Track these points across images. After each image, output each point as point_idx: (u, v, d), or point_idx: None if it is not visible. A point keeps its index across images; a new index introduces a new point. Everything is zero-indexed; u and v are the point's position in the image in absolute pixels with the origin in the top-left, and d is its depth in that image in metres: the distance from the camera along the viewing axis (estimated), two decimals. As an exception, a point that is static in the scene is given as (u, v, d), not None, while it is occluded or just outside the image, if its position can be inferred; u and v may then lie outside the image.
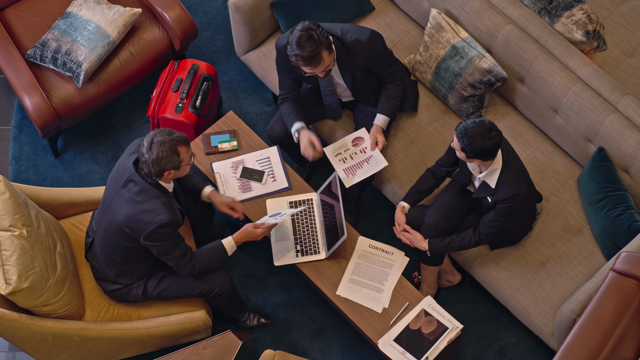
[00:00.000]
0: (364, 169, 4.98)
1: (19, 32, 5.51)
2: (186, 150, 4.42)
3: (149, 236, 4.45)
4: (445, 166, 4.83)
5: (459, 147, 4.48)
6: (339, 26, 4.84)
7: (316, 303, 5.25)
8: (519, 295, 4.89)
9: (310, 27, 4.62)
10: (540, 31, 5.01)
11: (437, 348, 4.63)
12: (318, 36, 4.61)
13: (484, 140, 4.40)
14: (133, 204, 4.43)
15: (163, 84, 5.34)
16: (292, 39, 4.62)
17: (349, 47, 4.80)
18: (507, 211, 4.61)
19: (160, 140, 4.35)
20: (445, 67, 5.13)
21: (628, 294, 4.15)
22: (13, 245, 4.43)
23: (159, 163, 4.36)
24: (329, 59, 4.69)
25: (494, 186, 4.60)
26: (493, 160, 4.54)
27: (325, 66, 4.70)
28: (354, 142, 5.05)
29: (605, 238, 4.85)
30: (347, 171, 4.99)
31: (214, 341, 4.57)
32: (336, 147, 5.05)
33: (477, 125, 4.42)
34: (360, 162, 4.99)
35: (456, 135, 4.46)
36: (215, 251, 4.67)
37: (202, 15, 6.04)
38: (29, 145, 5.71)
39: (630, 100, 4.84)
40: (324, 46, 4.63)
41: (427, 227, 4.83)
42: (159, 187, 4.46)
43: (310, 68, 4.67)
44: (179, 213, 4.51)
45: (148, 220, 4.42)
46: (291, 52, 4.63)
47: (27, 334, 4.49)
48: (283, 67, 4.91)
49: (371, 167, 4.98)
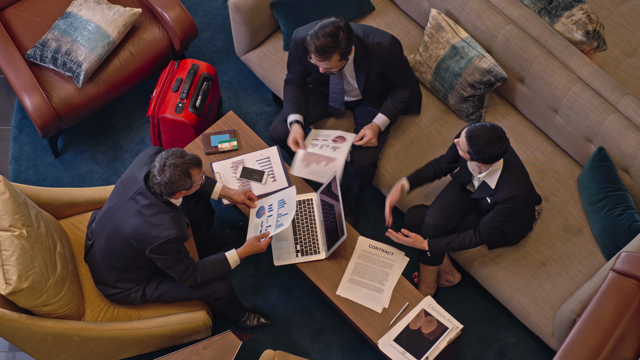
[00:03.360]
0: (316, 169, 4.93)
1: (19, 32, 5.51)
2: (198, 172, 4.42)
3: (155, 249, 4.45)
4: (445, 162, 4.83)
5: (465, 149, 4.46)
6: (362, 27, 4.84)
7: (316, 303, 5.25)
8: (519, 295, 4.89)
9: (341, 27, 4.62)
10: (540, 31, 5.01)
11: (437, 348, 4.63)
12: (340, 40, 4.61)
13: (493, 148, 4.40)
14: (141, 216, 4.43)
15: (163, 84, 5.34)
16: (319, 25, 4.63)
17: (369, 49, 4.80)
18: (507, 212, 4.61)
19: (172, 164, 4.34)
20: (445, 67, 5.13)
21: (628, 294, 4.15)
22: (13, 245, 4.43)
23: (171, 185, 4.36)
24: (338, 64, 4.70)
25: (494, 187, 4.60)
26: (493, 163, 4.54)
27: (331, 67, 4.71)
28: (336, 138, 5.03)
29: (605, 238, 4.85)
30: (306, 157, 4.96)
31: (214, 341, 4.57)
32: (319, 133, 5.04)
33: (489, 133, 4.39)
34: (321, 157, 4.95)
35: (465, 139, 4.44)
36: (218, 265, 4.67)
37: (202, 15, 6.04)
38: (29, 145, 5.71)
39: (630, 100, 4.84)
40: (339, 50, 4.63)
41: (427, 227, 4.83)
42: (168, 203, 4.47)
43: (317, 59, 4.67)
44: (186, 227, 4.52)
45: (156, 235, 4.42)
46: (310, 36, 4.63)
47: (27, 334, 4.49)
48: (295, 57, 4.93)
49: (323, 171, 4.93)
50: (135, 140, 5.70)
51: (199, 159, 4.42)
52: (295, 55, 4.92)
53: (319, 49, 4.61)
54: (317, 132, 5.07)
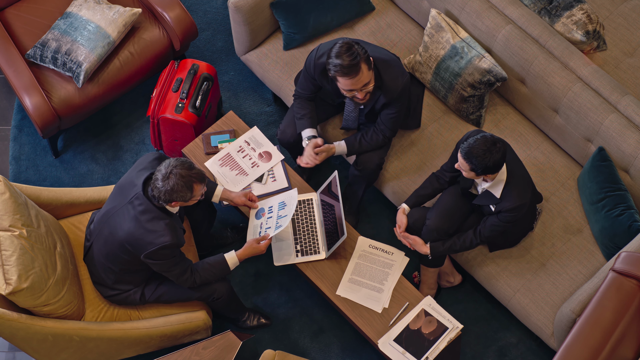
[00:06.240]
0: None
1: (19, 32, 5.51)
2: (200, 188, 4.41)
3: (149, 255, 4.45)
4: (449, 171, 4.82)
5: (467, 168, 4.45)
6: (383, 59, 4.77)
7: (316, 303, 5.25)
8: (519, 295, 4.89)
9: (349, 41, 4.62)
10: (540, 31, 5.01)
11: (437, 348, 4.63)
12: (357, 50, 4.60)
13: (492, 155, 4.39)
14: (137, 222, 4.43)
15: (163, 84, 5.34)
16: (332, 53, 4.60)
17: (385, 82, 4.76)
18: (511, 219, 4.61)
19: (179, 173, 4.33)
20: (445, 67, 5.13)
21: (628, 294, 4.15)
22: (13, 245, 4.43)
23: (171, 194, 4.35)
24: (368, 74, 4.65)
25: (498, 196, 4.59)
26: (498, 172, 4.53)
27: (365, 81, 4.64)
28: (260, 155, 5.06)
29: (605, 238, 4.85)
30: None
31: (214, 341, 4.57)
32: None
33: (480, 142, 4.39)
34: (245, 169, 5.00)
35: (462, 157, 4.42)
36: (217, 266, 4.67)
37: (202, 15, 6.04)
38: (29, 145, 5.71)
39: (630, 100, 4.84)
40: (362, 59, 4.60)
41: (429, 231, 4.82)
42: (164, 210, 4.46)
43: (349, 79, 4.60)
44: (181, 234, 4.51)
45: (150, 241, 4.42)
46: (332, 64, 4.60)
47: (27, 334, 4.49)
48: (311, 75, 4.88)
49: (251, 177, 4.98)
50: (135, 140, 5.70)
51: (203, 175, 4.41)
52: (312, 73, 4.87)
53: (346, 68, 4.57)
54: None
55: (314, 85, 4.94)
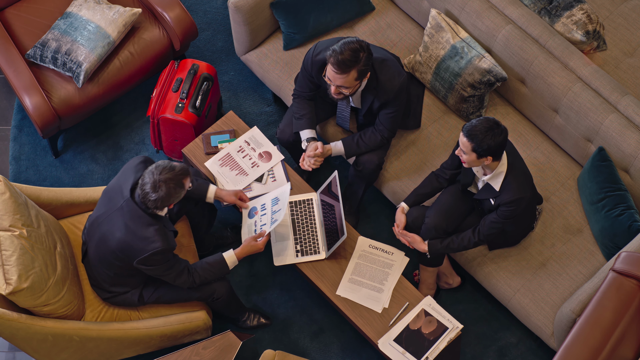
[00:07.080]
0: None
1: (19, 32, 5.51)
2: (189, 180, 4.42)
3: (142, 261, 4.44)
4: (450, 169, 4.82)
5: (469, 147, 4.45)
6: (380, 58, 4.78)
7: (316, 303, 5.25)
8: (519, 295, 4.89)
9: (363, 47, 4.60)
10: (540, 31, 5.01)
11: (437, 348, 4.63)
12: (361, 58, 4.59)
13: (494, 135, 4.39)
14: (126, 229, 4.41)
15: (163, 84, 5.34)
16: (342, 41, 4.60)
17: (380, 82, 4.76)
18: (510, 214, 4.61)
19: (166, 179, 4.32)
20: (445, 67, 5.13)
21: (628, 294, 4.15)
22: (13, 245, 4.43)
23: (168, 199, 4.35)
24: (353, 82, 4.65)
25: (498, 189, 4.60)
26: (500, 161, 4.53)
27: (344, 84, 4.65)
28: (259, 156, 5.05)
29: (605, 238, 4.85)
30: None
31: (214, 341, 4.57)
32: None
33: (483, 122, 4.41)
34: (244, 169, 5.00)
35: (465, 136, 4.43)
36: (216, 266, 4.66)
37: (202, 15, 6.04)
38: (29, 145, 5.71)
39: (630, 100, 4.84)
40: (357, 67, 4.59)
41: (428, 229, 4.82)
42: (154, 215, 4.45)
43: (334, 70, 4.61)
44: (172, 237, 4.49)
45: (141, 248, 4.41)
46: (332, 48, 4.59)
47: (27, 334, 4.49)
48: (309, 73, 4.88)
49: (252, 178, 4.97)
50: (135, 140, 5.70)
51: (187, 168, 4.40)
52: (309, 71, 4.88)
53: (340, 62, 4.57)
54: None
55: (312, 84, 4.94)
